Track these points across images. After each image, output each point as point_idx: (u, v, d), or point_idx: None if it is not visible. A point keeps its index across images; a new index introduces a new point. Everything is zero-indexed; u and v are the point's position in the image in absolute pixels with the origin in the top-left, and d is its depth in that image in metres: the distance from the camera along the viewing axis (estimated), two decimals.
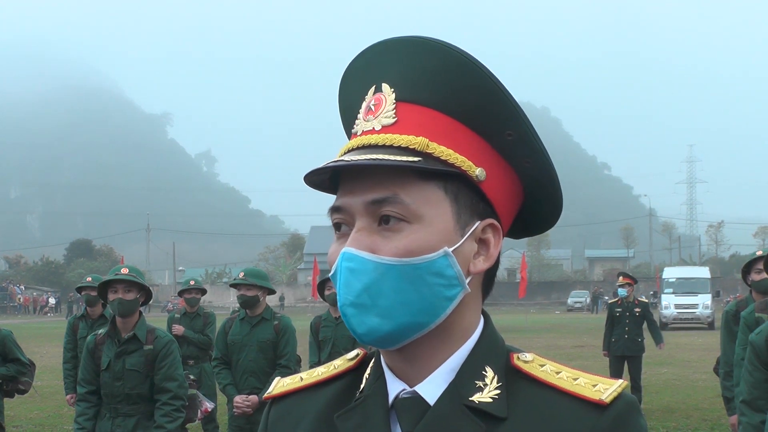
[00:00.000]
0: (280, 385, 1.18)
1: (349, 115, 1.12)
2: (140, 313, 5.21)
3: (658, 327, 11.48)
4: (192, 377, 6.77)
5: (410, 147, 1.01)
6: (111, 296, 5.03)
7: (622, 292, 11.42)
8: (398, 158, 0.99)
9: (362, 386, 1.08)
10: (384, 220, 1.00)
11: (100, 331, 5.25)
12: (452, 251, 1.01)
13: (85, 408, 5.10)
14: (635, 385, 10.91)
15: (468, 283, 1.03)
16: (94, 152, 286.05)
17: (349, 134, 1.13)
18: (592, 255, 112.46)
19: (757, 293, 6.11)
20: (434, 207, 1.01)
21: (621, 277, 11.62)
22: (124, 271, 5.10)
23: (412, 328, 1.00)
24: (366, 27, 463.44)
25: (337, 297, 1.01)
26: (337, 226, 1.05)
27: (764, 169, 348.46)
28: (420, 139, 1.01)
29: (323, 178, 1.08)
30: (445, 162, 1.01)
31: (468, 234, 1.03)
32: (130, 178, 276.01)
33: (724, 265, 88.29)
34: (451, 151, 1.02)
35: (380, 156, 1.00)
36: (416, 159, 1.00)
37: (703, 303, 34.70)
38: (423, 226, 1.00)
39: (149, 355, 5.05)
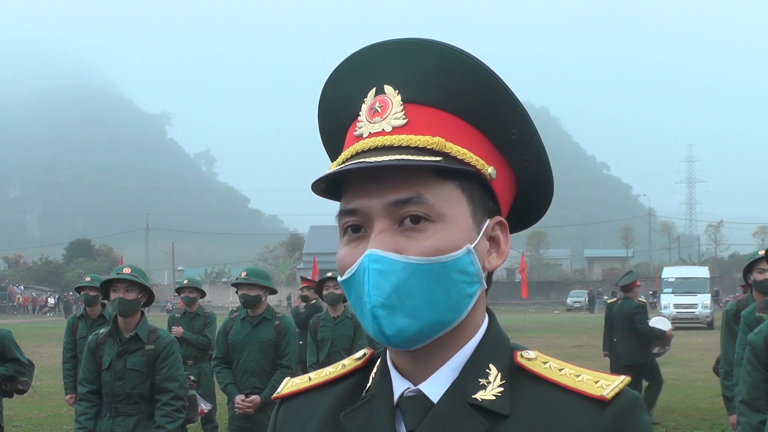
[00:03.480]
0: (289, 385, 1.18)
1: (339, 116, 1.11)
2: (142, 313, 5.22)
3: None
4: (192, 378, 6.76)
5: (428, 147, 1.01)
6: (112, 295, 5.06)
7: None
8: (422, 158, 1.00)
9: (368, 385, 1.09)
10: (412, 220, 1.00)
11: (102, 330, 5.26)
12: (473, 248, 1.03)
13: (86, 407, 5.11)
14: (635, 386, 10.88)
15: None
16: (93, 152, 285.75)
17: (330, 135, 1.13)
18: (592, 255, 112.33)
19: (758, 293, 6.10)
20: (454, 206, 1.02)
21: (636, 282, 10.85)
22: (126, 270, 5.11)
23: (438, 326, 1.01)
24: (365, 28, 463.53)
25: (365, 299, 0.99)
26: (353, 229, 1.03)
27: (764, 169, 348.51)
28: (437, 139, 1.01)
29: (324, 185, 1.06)
30: (461, 161, 1.02)
31: (482, 232, 1.05)
32: (129, 178, 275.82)
33: (723, 265, 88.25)
34: (466, 151, 1.03)
35: (402, 156, 0.99)
36: (438, 159, 1.01)
37: (702, 302, 34.68)
38: (446, 225, 1.01)
39: (150, 355, 5.06)
